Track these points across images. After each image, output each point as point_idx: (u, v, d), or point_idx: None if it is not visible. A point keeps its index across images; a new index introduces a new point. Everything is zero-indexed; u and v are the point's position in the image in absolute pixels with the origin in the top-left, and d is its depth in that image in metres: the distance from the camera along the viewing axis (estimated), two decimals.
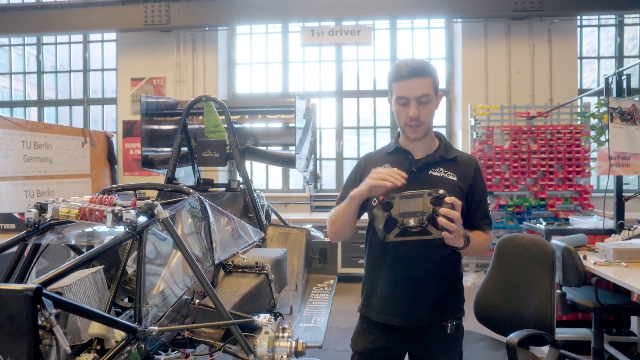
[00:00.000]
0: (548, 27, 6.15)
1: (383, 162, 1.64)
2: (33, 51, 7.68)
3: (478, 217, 1.66)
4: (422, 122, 1.58)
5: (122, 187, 1.89)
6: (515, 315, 2.28)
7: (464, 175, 1.63)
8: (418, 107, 1.55)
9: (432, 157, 1.64)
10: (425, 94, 1.55)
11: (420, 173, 1.61)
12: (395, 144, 1.71)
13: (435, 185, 1.52)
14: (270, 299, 2.00)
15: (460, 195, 1.57)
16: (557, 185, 5.79)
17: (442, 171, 1.62)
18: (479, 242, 1.63)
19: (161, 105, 3.02)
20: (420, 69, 1.55)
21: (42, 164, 5.43)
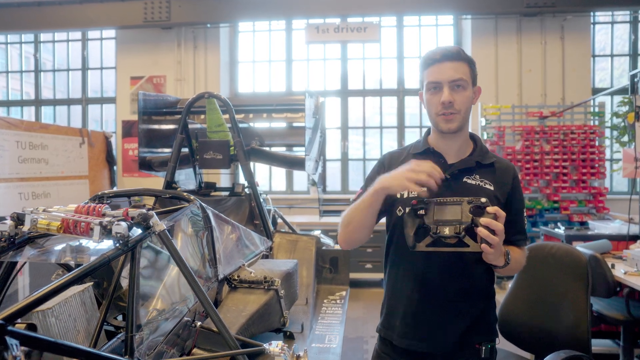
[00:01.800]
0: (561, 23, 5.96)
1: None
2: (31, 49, 7.50)
3: (514, 232, 1.46)
4: (457, 111, 1.37)
5: (115, 194, 1.70)
6: (546, 332, 2.09)
7: (502, 184, 1.44)
8: (452, 93, 1.36)
9: (468, 161, 1.44)
10: (460, 77, 1.36)
11: (454, 180, 1.42)
12: (424, 143, 1.50)
13: (470, 195, 1.35)
14: (280, 316, 1.81)
15: (497, 206, 1.35)
16: (570, 188, 5.60)
17: (478, 179, 1.43)
18: (517, 259, 1.44)
19: (160, 103, 2.83)
20: (455, 52, 1.39)
21: (38, 165, 5.24)
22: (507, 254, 1.34)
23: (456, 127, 1.41)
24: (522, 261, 1.50)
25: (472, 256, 1.36)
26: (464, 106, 1.39)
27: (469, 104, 1.40)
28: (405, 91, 6.67)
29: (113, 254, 1.18)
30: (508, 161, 1.53)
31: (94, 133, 6.27)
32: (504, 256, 1.32)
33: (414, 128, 6.83)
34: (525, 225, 1.51)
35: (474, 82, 1.41)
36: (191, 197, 1.63)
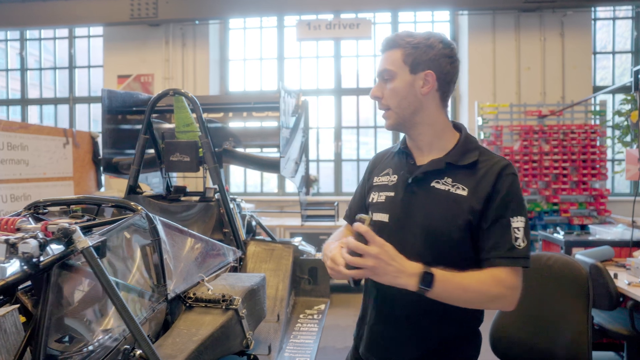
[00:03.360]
0: (560, 19, 5.75)
1: (387, 167, 1.33)
2: (17, 46, 7.31)
3: (490, 247, 1.13)
4: (386, 107, 1.23)
5: (52, 202, 1.51)
6: (542, 351, 1.89)
7: (480, 189, 1.15)
8: (380, 86, 1.24)
9: (436, 163, 1.21)
10: (385, 68, 1.21)
11: (420, 185, 1.21)
12: (401, 142, 1.34)
13: (437, 202, 1.17)
14: (242, 339, 1.61)
15: (471, 214, 1.14)
16: (570, 189, 5.40)
17: (450, 183, 1.18)
18: (465, 286, 1.09)
19: (129, 100, 2.64)
20: (390, 40, 1.22)
21: (17, 166, 5.05)
22: (425, 277, 1.05)
23: (390, 125, 1.26)
24: (486, 289, 1.10)
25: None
26: (393, 100, 1.21)
27: (399, 96, 1.20)
28: None
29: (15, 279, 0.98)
30: (500, 158, 1.21)
31: (79, 133, 6.08)
32: (416, 277, 1.05)
33: None
34: (512, 239, 1.12)
35: (414, 68, 1.19)
36: (137, 207, 1.44)
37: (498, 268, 1.12)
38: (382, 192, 1.28)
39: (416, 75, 1.19)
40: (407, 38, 1.20)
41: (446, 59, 1.20)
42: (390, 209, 1.24)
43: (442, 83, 1.21)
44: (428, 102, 1.21)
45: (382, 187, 1.30)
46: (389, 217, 1.24)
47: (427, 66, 1.18)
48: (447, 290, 1.08)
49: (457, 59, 1.23)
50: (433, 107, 1.23)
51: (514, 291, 1.12)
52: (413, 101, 1.20)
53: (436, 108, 1.23)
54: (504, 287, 1.11)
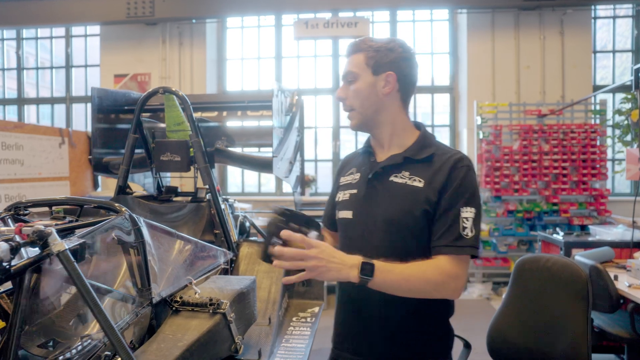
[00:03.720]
0: (560, 18, 5.70)
1: (352, 167, 1.41)
2: (13, 45, 7.26)
3: (439, 235, 1.19)
4: (350, 107, 1.31)
5: (33, 203, 1.46)
6: (540, 355, 1.85)
7: (435, 180, 1.22)
8: (344, 87, 1.31)
9: (394, 158, 1.29)
10: (349, 71, 1.29)
11: (380, 180, 1.29)
12: (366, 143, 1.43)
13: (395, 195, 1.24)
14: (230, 343, 1.56)
15: (427, 205, 1.21)
16: (570, 189, 5.34)
17: (407, 176, 1.26)
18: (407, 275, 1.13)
19: (120, 99, 2.59)
20: (354, 44, 1.31)
21: (12, 166, 5.00)
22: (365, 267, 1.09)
23: (355, 125, 1.34)
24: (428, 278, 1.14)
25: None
26: (356, 100, 1.29)
27: (362, 96, 1.28)
28: None
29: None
30: (455, 152, 1.28)
31: (75, 133, 6.04)
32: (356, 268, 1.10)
33: None
34: (460, 229, 1.17)
35: (376, 70, 1.26)
36: (120, 208, 1.39)
37: (443, 256, 1.17)
38: (346, 191, 1.35)
39: (378, 77, 1.27)
40: (370, 42, 1.28)
41: (406, 62, 1.28)
42: (353, 205, 1.31)
43: (402, 84, 1.29)
44: (389, 102, 1.29)
45: (347, 185, 1.37)
46: (353, 214, 1.31)
47: (388, 68, 1.26)
48: (388, 279, 1.12)
49: (416, 63, 1.32)
50: (394, 106, 1.30)
51: (457, 280, 1.17)
52: (375, 101, 1.28)
53: (397, 108, 1.31)
54: (446, 275, 1.15)
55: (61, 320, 1.38)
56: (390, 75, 1.26)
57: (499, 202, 5.47)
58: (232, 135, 2.71)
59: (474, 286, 5.31)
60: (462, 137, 6.08)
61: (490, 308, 4.70)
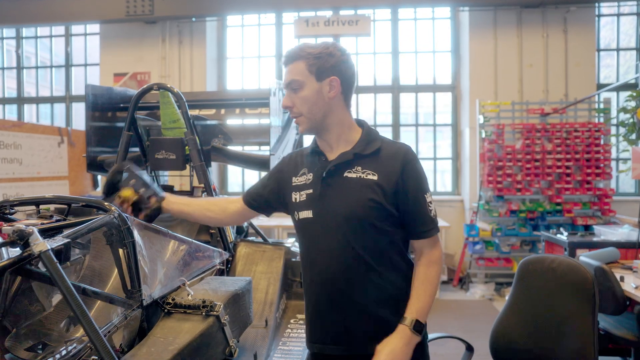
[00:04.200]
0: (564, 15, 5.63)
1: (302, 168, 1.44)
2: (13, 44, 7.23)
3: (419, 223, 1.34)
4: (299, 113, 1.35)
5: (20, 202, 1.41)
6: (545, 358, 1.79)
7: (388, 172, 1.32)
8: (290, 96, 1.35)
9: (345, 155, 1.35)
10: (293, 79, 1.33)
11: (334, 178, 1.34)
12: (313, 144, 1.45)
13: (350, 189, 1.31)
14: (224, 347, 1.51)
15: (385, 197, 1.30)
16: (574, 189, 5.28)
17: (360, 170, 1.33)
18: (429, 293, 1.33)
19: (115, 96, 2.54)
20: (293, 53, 1.34)
21: (10, 165, 4.97)
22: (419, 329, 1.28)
23: (304, 130, 1.38)
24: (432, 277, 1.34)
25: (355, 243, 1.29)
26: (304, 107, 1.33)
27: (310, 102, 1.32)
28: (400, 88, 6.37)
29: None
30: (400, 144, 1.39)
31: (75, 132, 5.99)
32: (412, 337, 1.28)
33: (410, 127, 6.52)
34: (430, 212, 1.34)
35: (319, 76, 1.31)
36: (110, 206, 1.34)
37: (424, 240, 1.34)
38: (302, 191, 1.38)
39: (322, 82, 1.32)
40: (308, 49, 1.32)
41: (346, 65, 1.34)
42: (312, 205, 1.35)
43: (344, 86, 1.35)
44: (335, 105, 1.35)
45: (302, 186, 1.40)
46: (312, 213, 1.35)
47: (331, 72, 1.32)
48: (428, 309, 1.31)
49: (353, 63, 1.39)
50: (340, 108, 1.36)
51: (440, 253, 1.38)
52: (322, 106, 1.33)
53: (342, 108, 1.37)
54: (436, 260, 1.35)
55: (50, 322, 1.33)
56: (334, 80, 1.32)
57: (501, 202, 5.41)
58: (229, 134, 2.66)
59: (476, 287, 5.25)
60: (465, 136, 6.02)
61: (492, 309, 4.64)
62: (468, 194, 5.83)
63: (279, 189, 1.47)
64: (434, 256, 1.35)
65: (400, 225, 1.34)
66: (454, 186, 6.31)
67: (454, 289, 5.45)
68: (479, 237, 5.34)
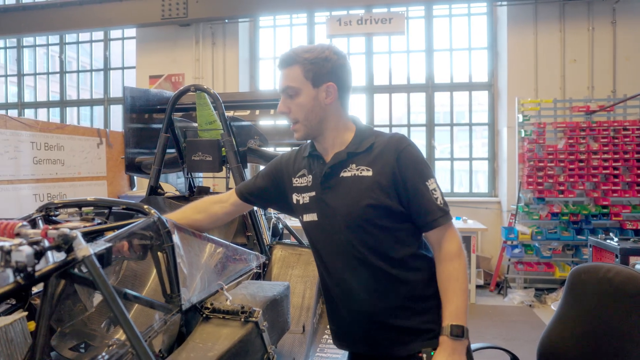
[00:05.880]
0: (612, 6, 5.35)
1: (301, 169, 1.42)
2: (57, 50, 7.51)
3: (424, 212, 1.27)
4: (296, 120, 1.33)
5: (63, 204, 1.42)
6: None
7: (382, 166, 1.27)
8: (286, 102, 1.32)
9: (340, 155, 1.33)
10: (289, 86, 1.30)
11: (332, 179, 1.32)
12: (310, 147, 1.43)
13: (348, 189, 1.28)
14: (262, 353, 1.48)
15: (383, 192, 1.26)
16: (623, 191, 5.00)
17: (354, 168, 1.31)
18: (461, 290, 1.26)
19: (153, 98, 2.56)
20: (288, 57, 1.30)
21: (54, 166, 5.15)
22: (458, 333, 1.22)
23: (301, 136, 1.35)
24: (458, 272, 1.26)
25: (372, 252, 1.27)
26: (301, 113, 1.30)
27: (306, 109, 1.29)
28: (434, 87, 6.23)
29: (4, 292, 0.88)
30: (392, 134, 1.35)
31: (112, 133, 6.16)
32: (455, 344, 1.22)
33: (445, 126, 6.36)
34: (437, 200, 1.27)
35: (315, 82, 1.28)
36: (150, 210, 1.33)
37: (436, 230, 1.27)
38: (304, 194, 1.37)
39: (319, 88, 1.29)
40: (304, 54, 1.28)
41: (342, 69, 1.32)
42: (316, 207, 1.34)
43: (341, 91, 1.32)
44: (332, 110, 1.32)
45: (303, 188, 1.38)
46: (317, 215, 1.34)
47: (328, 78, 1.29)
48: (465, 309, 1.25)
49: (350, 66, 1.37)
50: (336, 113, 1.34)
51: (459, 242, 1.29)
52: (319, 112, 1.30)
53: (338, 113, 1.34)
54: (456, 256, 1.27)
55: (92, 323, 1.33)
56: (330, 86, 1.29)
57: (542, 204, 5.19)
58: (264, 134, 2.64)
59: (514, 292, 5.06)
60: (502, 135, 5.82)
61: (533, 316, 4.45)
62: (506, 196, 5.63)
63: (278, 184, 1.46)
64: (452, 249, 1.28)
65: (404, 219, 1.29)
66: (490, 187, 6.12)
67: (490, 293, 5.26)
68: (518, 241, 5.14)
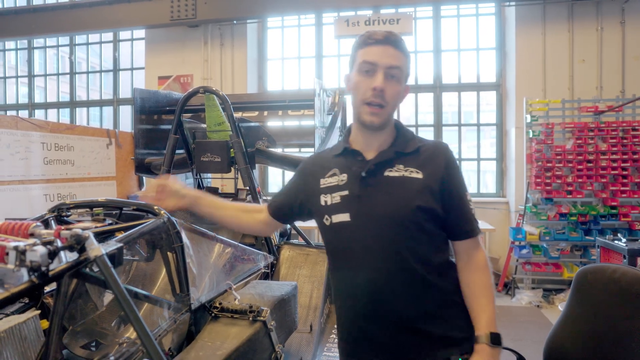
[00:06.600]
0: (621, 6, 5.31)
1: (331, 168, 1.33)
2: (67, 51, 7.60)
3: (464, 222, 1.28)
4: (387, 103, 1.24)
5: (75, 204, 1.45)
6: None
7: (433, 170, 1.25)
8: (385, 81, 1.22)
9: (386, 154, 1.28)
10: (398, 66, 1.23)
11: (373, 176, 1.26)
12: (344, 142, 1.36)
13: (395, 189, 1.23)
14: (270, 352, 1.50)
15: (432, 196, 1.23)
16: (631, 191, 4.97)
17: (402, 169, 1.26)
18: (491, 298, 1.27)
19: (162, 100, 2.60)
20: (399, 39, 1.25)
21: (64, 166, 5.21)
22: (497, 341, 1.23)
23: (379, 123, 1.26)
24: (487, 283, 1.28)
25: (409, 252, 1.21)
26: (393, 100, 1.25)
27: (398, 99, 1.27)
28: (442, 87, 6.22)
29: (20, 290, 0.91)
30: (438, 142, 1.33)
31: (121, 134, 6.22)
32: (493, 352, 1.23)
33: (453, 126, 6.35)
34: (473, 212, 1.30)
35: (406, 76, 1.29)
36: (159, 210, 1.36)
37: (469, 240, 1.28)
38: (334, 193, 1.29)
39: (405, 84, 1.29)
40: (405, 47, 1.26)
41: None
42: (349, 207, 1.26)
43: None
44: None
45: (333, 188, 1.30)
46: (350, 215, 1.25)
47: (406, 80, 1.29)
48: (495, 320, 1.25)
49: None
50: None
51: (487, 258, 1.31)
52: (397, 105, 1.30)
53: None
54: (486, 267, 1.28)
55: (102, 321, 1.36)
56: (407, 89, 1.31)
57: (550, 205, 5.17)
58: (273, 135, 2.66)
59: (522, 292, 5.04)
60: (510, 136, 5.79)
61: (541, 317, 4.44)
62: (513, 196, 5.61)
63: (303, 197, 1.38)
64: (483, 259, 1.29)
65: (442, 226, 1.26)
66: (498, 188, 6.09)
67: (498, 294, 5.25)
68: (526, 241, 5.12)
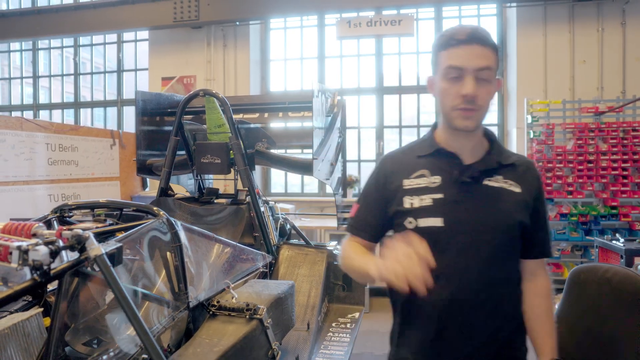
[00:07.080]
0: (622, 7, 5.31)
1: (417, 169, 1.23)
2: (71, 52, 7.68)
3: (544, 242, 1.30)
4: (479, 107, 1.14)
5: (77, 205, 1.50)
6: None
7: (529, 186, 1.23)
8: (476, 84, 1.11)
9: (489, 161, 1.21)
10: (488, 66, 1.11)
11: (473, 184, 1.19)
12: (432, 143, 1.26)
13: (495, 199, 1.19)
14: (267, 349, 1.54)
15: (527, 212, 1.22)
16: (632, 192, 4.97)
17: (502, 180, 1.21)
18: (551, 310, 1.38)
19: (164, 102, 2.64)
20: (486, 34, 1.14)
21: (68, 167, 5.27)
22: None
23: (474, 126, 1.17)
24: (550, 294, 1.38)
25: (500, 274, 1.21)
26: (486, 102, 1.16)
27: (490, 97, 1.17)
28: None
29: (22, 288, 0.95)
30: (526, 157, 1.32)
31: (125, 134, 6.28)
32: None
33: None
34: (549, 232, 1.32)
35: (495, 74, 1.17)
36: (158, 211, 1.40)
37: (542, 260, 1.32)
38: (424, 195, 1.19)
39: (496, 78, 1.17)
40: (492, 40, 1.16)
41: None
42: (443, 211, 1.17)
43: None
44: None
45: (423, 189, 1.20)
46: (444, 221, 1.17)
47: (496, 73, 1.18)
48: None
49: None
50: None
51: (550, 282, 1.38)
52: (490, 104, 1.19)
53: None
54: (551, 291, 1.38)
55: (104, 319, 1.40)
56: (499, 83, 1.19)
57: (551, 205, 5.17)
58: (273, 137, 2.70)
59: None
60: (511, 136, 5.81)
61: None
62: None
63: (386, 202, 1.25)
64: (549, 283, 1.36)
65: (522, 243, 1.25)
66: None
67: None
68: None
